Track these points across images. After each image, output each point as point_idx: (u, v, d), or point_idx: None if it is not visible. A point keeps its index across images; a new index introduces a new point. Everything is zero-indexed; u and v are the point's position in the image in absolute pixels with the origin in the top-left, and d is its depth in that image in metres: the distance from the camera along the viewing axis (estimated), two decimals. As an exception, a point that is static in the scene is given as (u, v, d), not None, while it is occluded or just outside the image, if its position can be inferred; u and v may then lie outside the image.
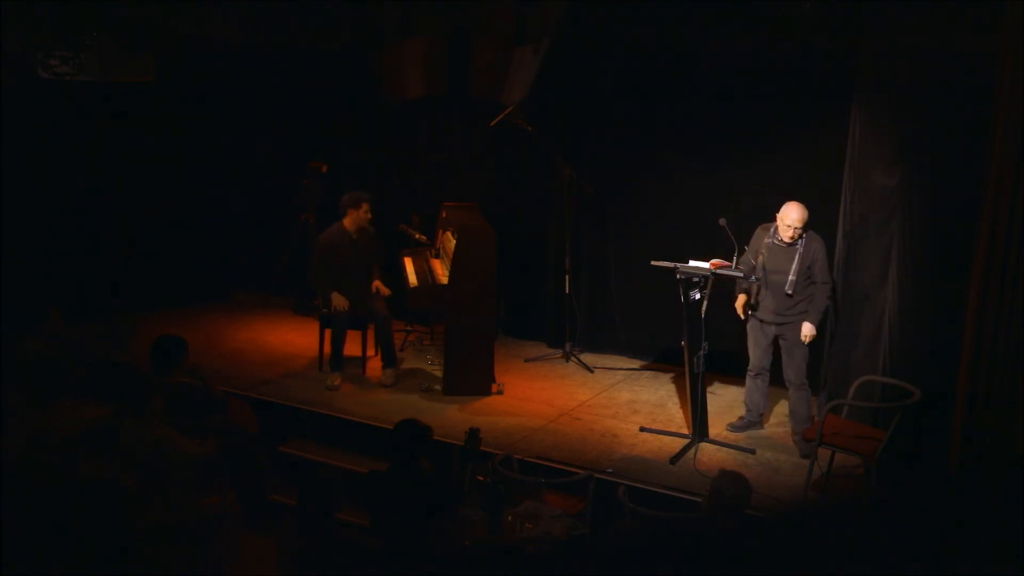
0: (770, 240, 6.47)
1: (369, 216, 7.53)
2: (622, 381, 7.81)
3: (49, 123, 8.41)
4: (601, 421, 7.00)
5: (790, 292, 6.39)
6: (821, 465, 6.07)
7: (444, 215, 7.98)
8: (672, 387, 7.67)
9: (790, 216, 6.33)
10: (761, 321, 6.61)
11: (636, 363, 8.15)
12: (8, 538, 4.68)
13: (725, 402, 7.35)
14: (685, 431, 6.76)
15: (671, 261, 6.42)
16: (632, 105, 7.84)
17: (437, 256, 7.99)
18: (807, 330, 6.44)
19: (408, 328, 8.54)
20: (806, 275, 6.41)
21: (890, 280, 6.36)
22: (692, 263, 6.36)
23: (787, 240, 6.38)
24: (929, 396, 5.79)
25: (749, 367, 6.79)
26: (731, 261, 6.30)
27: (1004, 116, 5.15)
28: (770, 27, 6.90)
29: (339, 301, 7.42)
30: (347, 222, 7.51)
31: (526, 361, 8.16)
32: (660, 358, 8.07)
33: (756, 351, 6.70)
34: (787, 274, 6.37)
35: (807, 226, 6.37)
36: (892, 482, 5.83)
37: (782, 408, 7.03)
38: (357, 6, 8.49)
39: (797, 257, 6.36)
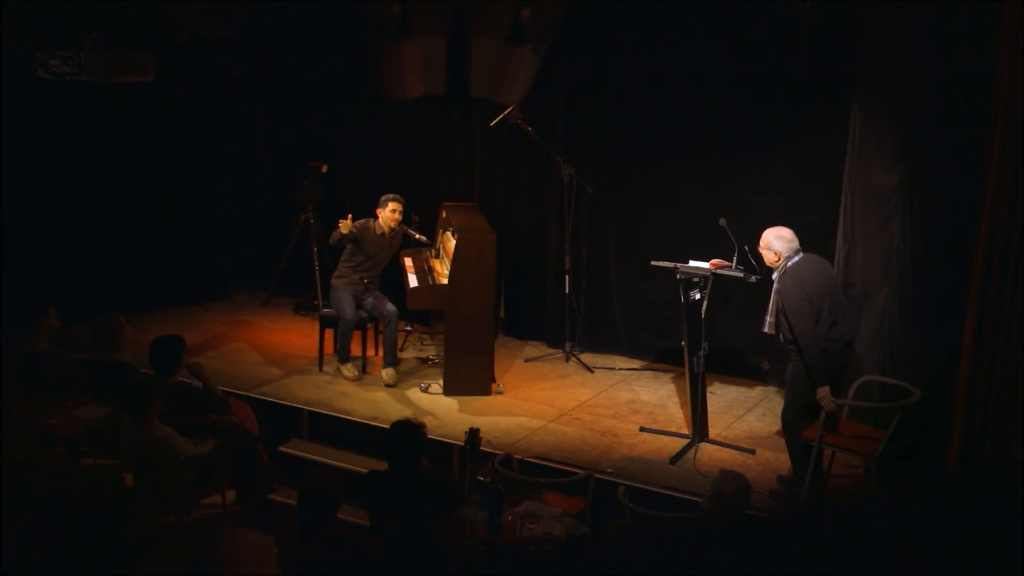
0: None
1: (397, 216, 7.60)
2: (622, 381, 7.81)
3: (49, 123, 8.40)
4: (601, 421, 6.99)
5: (764, 330, 5.99)
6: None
7: (444, 215, 7.98)
8: (672, 387, 7.67)
9: (761, 239, 5.96)
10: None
11: (636, 363, 8.13)
12: (8, 538, 4.68)
13: (725, 402, 7.34)
14: (685, 431, 6.76)
15: (671, 261, 6.42)
16: (632, 105, 7.83)
17: (437, 256, 7.99)
18: (817, 395, 5.75)
19: (408, 328, 8.54)
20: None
21: (890, 280, 6.35)
22: (692, 263, 6.36)
23: (767, 264, 5.97)
24: (929, 396, 5.79)
25: None
26: (731, 261, 6.30)
27: (1004, 116, 5.15)
28: (770, 27, 6.89)
29: (344, 225, 7.47)
30: (380, 221, 7.62)
31: (526, 361, 8.16)
32: (660, 358, 8.06)
33: None
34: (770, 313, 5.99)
35: (791, 254, 5.84)
36: (892, 482, 5.83)
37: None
38: (357, 6, 8.48)
39: (774, 293, 5.93)
